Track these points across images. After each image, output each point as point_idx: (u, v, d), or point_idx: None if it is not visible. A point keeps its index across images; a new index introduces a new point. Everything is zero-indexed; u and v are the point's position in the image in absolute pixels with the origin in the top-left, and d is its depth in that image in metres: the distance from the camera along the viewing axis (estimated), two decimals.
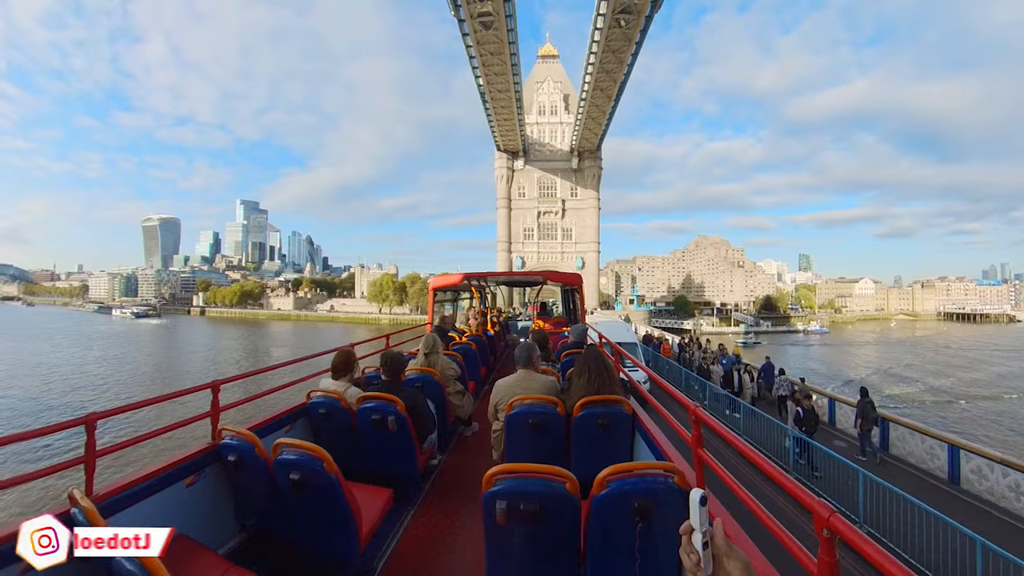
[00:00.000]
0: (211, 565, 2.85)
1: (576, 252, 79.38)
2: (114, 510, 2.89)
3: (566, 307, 17.52)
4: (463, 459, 5.70)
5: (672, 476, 2.44)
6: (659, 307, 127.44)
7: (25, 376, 43.77)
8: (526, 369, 4.53)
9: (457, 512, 4.27)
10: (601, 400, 3.95)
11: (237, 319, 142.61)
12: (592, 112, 63.40)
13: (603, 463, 2.55)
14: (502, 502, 2.39)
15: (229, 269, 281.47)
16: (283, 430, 4.55)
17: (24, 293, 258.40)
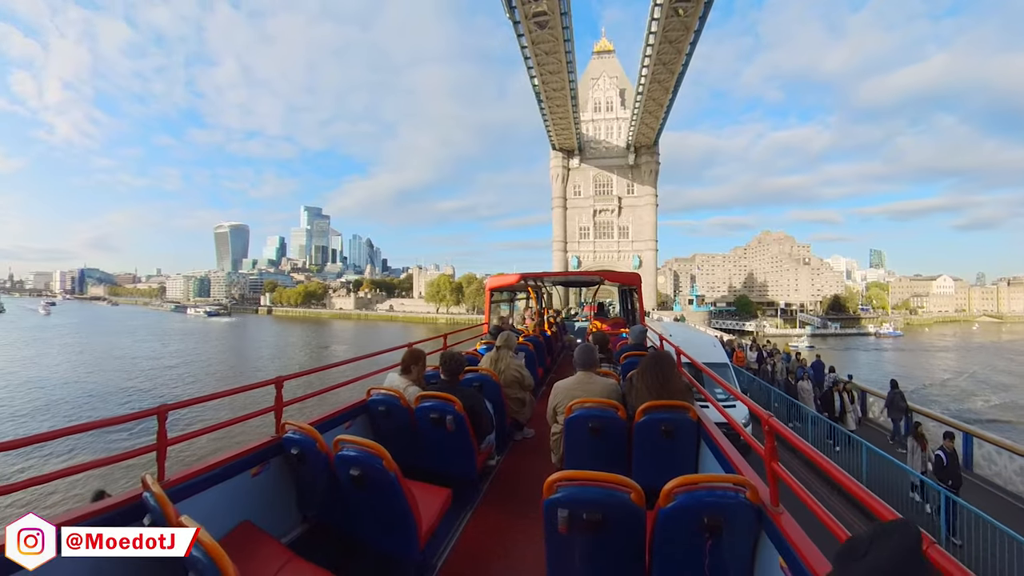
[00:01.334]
0: (274, 554, 3.00)
1: (633, 251, 77.07)
2: (183, 496, 3.01)
3: (623, 307, 16.89)
4: (521, 461, 5.68)
5: (744, 491, 2.31)
6: (719, 307, 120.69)
7: (109, 367, 47.43)
8: (586, 371, 4.46)
9: (516, 515, 4.26)
10: (664, 405, 3.79)
11: (301, 318, 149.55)
12: (649, 106, 61.40)
13: (666, 472, 2.51)
14: (564, 510, 2.33)
15: (294, 271, 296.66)
16: (343, 426, 4.69)
17: (109, 294, 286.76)
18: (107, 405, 31.44)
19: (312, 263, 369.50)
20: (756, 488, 2.35)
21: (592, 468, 2.47)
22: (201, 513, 2.25)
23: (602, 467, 2.50)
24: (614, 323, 13.67)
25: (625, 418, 3.91)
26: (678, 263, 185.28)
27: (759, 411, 2.71)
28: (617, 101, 79.18)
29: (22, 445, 2.74)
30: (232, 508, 3.38)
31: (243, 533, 3.24)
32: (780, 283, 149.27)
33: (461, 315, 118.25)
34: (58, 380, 39.77)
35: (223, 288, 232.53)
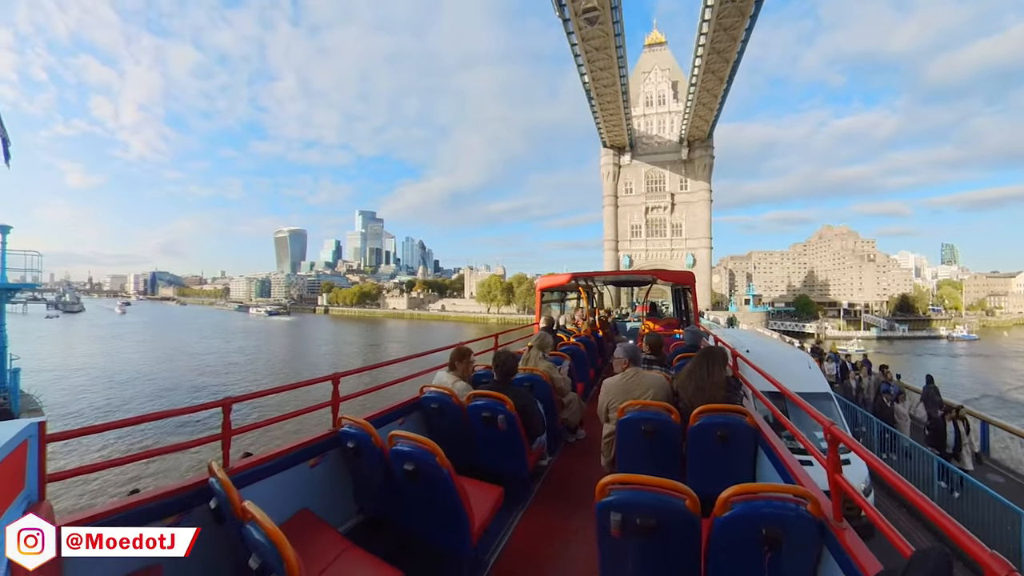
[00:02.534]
0: (331, 542, 3.13)
1: (686, 249, 74.79)
2: (246, 483, 3.18)
3: (677, 307, 16.39)
4: (572, 462, 5.63)
5: (805, 503, 2.23)
6: (777, 308, 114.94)
7: (178, 362, 50.60)
8: (635, 366, 4.50)
9: (569, 516, 4.25)
10: (720, 409, 3.73)
11: (356, 317, 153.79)
12: (703, 97, 59.36)
13: (722, 479, 2.46)
14: (617, 514, 2.32)
15: (349, 272, 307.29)
16: (397, 422, 4.82)
17: (178, 295, 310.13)
18: (176, 397, 33.60)
19: (366, 265, 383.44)
20: (818, 501, 2.26)
21: (645, 472, 2.45)
22: (262, 500, 2.31)
23: (655, 471, 2.47)
24: (667, 324, 13.33)
25: (679, 421, 3.85)
26: (733, 261, 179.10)
27: (820, 417, 2.60)
28: (669, 94, 77.13)
29: (103, 430, 3.18)
30: (292, 497, 3.59)
31: (302, 520, 3.42)
32: (842, 281, 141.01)
33: (512, 315, 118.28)
34: (132, 373, 42.75)
35: (283, 289, 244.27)
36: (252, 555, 2.09)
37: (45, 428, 2.50)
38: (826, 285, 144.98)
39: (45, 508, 2.39)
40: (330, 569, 2.86)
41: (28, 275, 22.66)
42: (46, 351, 55.10)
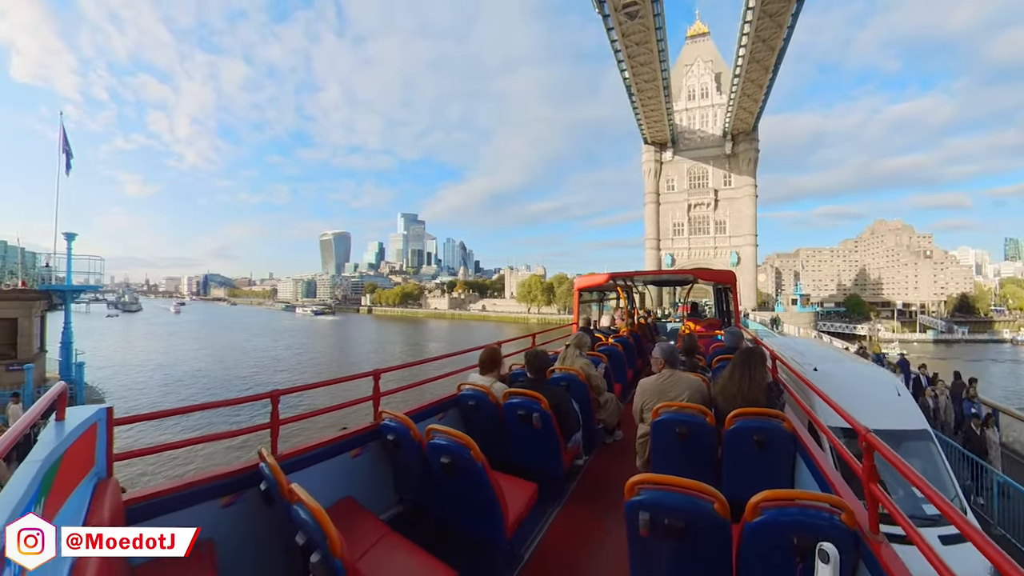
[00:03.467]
0: (373, 528, 3.29)
1: (730, 246, 72.85)
2: (293, 469, 3.37)
3: (719, 308, 15.75)
4: (609, 462, 5.62)
5: (839, 513, 2.15)
6: (826, 308, 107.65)
7: (229, 357, 53.25)
8: (671, 367, 4.47)
9: (603, 516, 4.27)
10: (757, 413, 3.65)
11: (399, 317, 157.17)
12: (747, 88, 57.65)
13: (758, 485, 2.35)
14: (645, 513, 2.31)
15: (391, 273, 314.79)
16: (435, 417, 4.96)
17: (228, 295, 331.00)
18: (227, 389, 35.43)
19: (408, 266, 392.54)
20: (853, 512, 2.16)
21: (679, 474, 2.41)
22: (308, 485, 2.41)
23: (689, 474, 2.42)
24: (709, 324, 13.01)
25: (714, 424, 3.79)
26: (780, 259, 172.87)
27: (856, 424, 2.46)
28: (712, 87, 75.20)
29: (162, 416, 3.48)
30: (336, 484, 3.79)
31: (345, 506, 3.61)
32: (896, 280, 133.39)
33: (552, 315, 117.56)
34: (186, 368, 45.32)
35: (327, 289, 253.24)
36: (299, 532, 2.24)
37: (112, 413, 2.84)
38: (879, 284, 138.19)
39: (112, 483, 2.66)
40: (371, 552, 3.01)
41: (91, 278, 24.66)
42: (107, 347, 58.77)
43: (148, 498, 2.87)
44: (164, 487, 3.02)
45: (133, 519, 2.77)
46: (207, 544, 2.89)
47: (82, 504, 2.36)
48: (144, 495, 2.89)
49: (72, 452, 2.27)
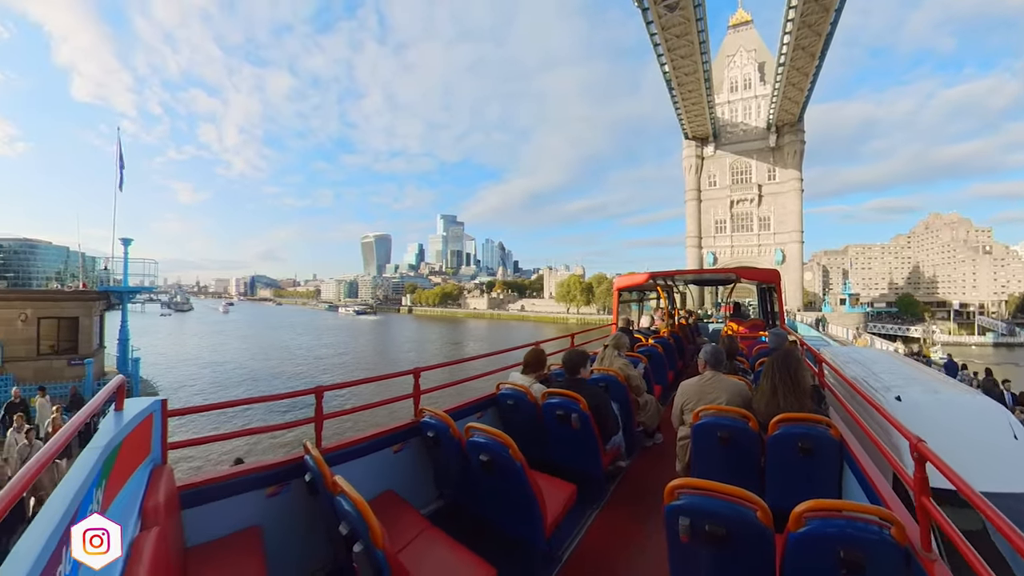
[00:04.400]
0: (414, 522, 3.36)
1: (775, 244, 69.87)
2: (336, 462, 3.54)
3: (762, 308, 15.21)
4: (650, 466, 5.56)
5: (889, 527, 2.04)
6: (877, 309, 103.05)
7: (275, 354, 54.98)
8: (714, 370, 4.37)
9: (643, 520, 4.22)
10: (802, 419, 3.51)
11: (438, 316, 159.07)
12: (792, 77, 55.37)
13: (803, 494, 2.31)
14: (685, 519, 2.27)
15: (431, 274, 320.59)
16: (475, 416, 5.04)
17: (274, 296, 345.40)
18: (273, 385, 36.54)
19: (448, 266, 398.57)
20: (903, 526, 2.05)
21: (721, 479, 2.35)
22: (351, 478, 2.48)
23: (731, 479, 2.36)
24: (752, 325, 12.50)
25: (757, 429, 3.68)
26: (827, 256, 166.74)
27: (908, 433, 2.32)
28: (755, 77, 72.63)
29: (212, 409, 3.62)
30: (378, 478, 3.92)
31: (387, 500, 3.72)
32: (953, 278, 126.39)
33: (591, 315, 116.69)
34: (234, 364, 47.17)
35: (369, 290, 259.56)
36: (342, 523, 2.31)
37: (167, 405, 3.05)
38: (933, 282, 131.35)
39: (167, 470, 2.86)
40: (411, 546, 3.07)
41: (146, 279, 26.22)
42: (161, 344, 62.32)
43: (200, 485, 3.05)
44: (214, 475, 3.19)
45: (186, 503, 2.95)
46: (254, 530, 3.11)
47: (139, 488, 2.52)
48: (196, 482, 3.07)
49: (130, 440, 2.43)
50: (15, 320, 19.64)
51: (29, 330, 19.93)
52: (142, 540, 1.98)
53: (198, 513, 3.01)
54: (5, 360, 19.01)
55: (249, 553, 2.87)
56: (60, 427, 8.24)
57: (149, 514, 2.33)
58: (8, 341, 19.37)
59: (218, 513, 3.09)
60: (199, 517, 2.99)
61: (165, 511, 2.41)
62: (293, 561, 3.34)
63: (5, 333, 19.37)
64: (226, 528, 3.08)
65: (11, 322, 19.55)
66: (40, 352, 20.17)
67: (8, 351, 19.26)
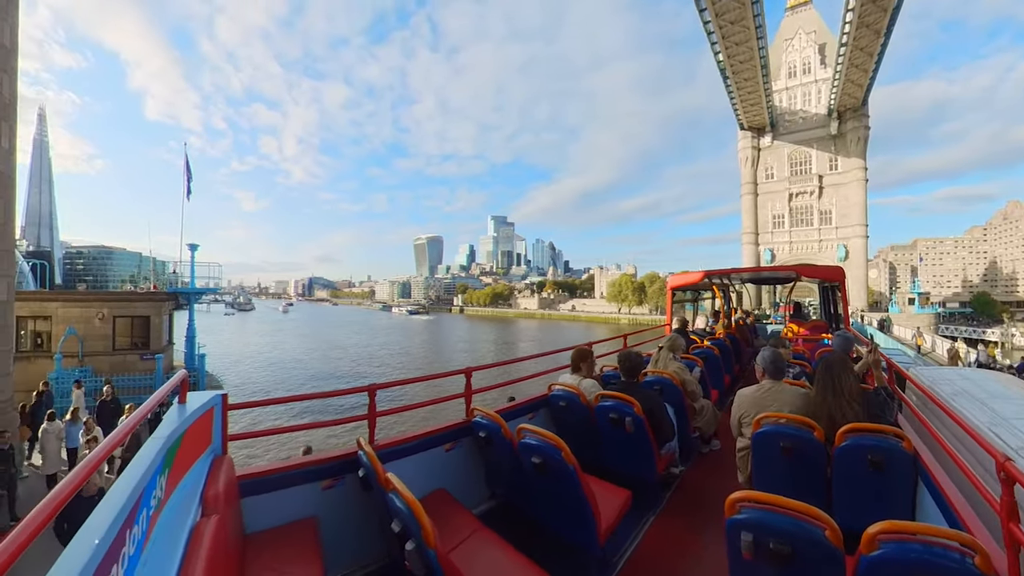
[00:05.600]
0: (465, 521, 3.35)
1: (837, 239, 65.36)
2: (389, 459, 3.61)
3: (825, 308, 14.26)
4: (707, 474, 5.35)
5: (972, 555, 1.83)
6: (949, 309, 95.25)
7: (331, 353, 56.89)
8: (773, 378, 4.04)
9: (701, 530, 4.08)
10: (872, 430, 3.25)
11: (489, 316, 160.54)
12: (855, 58, 51.48)
13: (873, 513, 2.19)
14: (748, 534, 2.16)
15: (482, 275, 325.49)
16: (526, 416, 5.05)
17: (331, 297, 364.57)
18: (328, 382, 37.85)
19: (498, 267, 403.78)
20: (989, 555, 1.83)
21: (784, 493, 2.21)
22: (403, 475, 2.53)
23: (796, 494, 2.22)
24: (814, 327, 11.74)
25: (823, 440, 3.41)
26: (894, 252, 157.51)
27: (993, 451, 2.11)
28: (815, 60, 68.13)
29: (269, 403, 3.83)
30: (429, 476, 3.97)
31: (438, 498, 3.73)
32: None
33: (644, 315, 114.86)
34: (293, 361, 49.26)
35: (421, 291, 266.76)
36: (394, 520, 2.35)
37: (227, 399, 3.19)
38: (1013, 279, 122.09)
39: (227, 460, 2.99)
40: (463, 546, 3.06)
41: (211, 281, 28.13)
42: (225, 341, 66.19)
43: (258, 475, 3.21)
44: (272, 467, 3.34)
45: (245, 492, 3.11)
46: (311, 520, 3.24)
47: (201, 476, 2.64)
48: (255, 472, 3.24)
49: (192, 431, 2.56)
50: (93, 319, 21.31)
51: (106, 328, 21.59)
52: (203, 526, 2.07)
53: (256, 502, 3.15)
54: (85, 354, 20.70)
55: (305, 542, 2.96)
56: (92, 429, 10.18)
57: (210, 502, 2.41)
58: (87, 337, 21.03)
59: (275, 503, 3.23)
60: (257, 506, 3.15)
61: (225, 499, 2.48)
62: (348, 553, 3.41)
63: (85, 330, 21.03)
64: (283, 518, 3.21)
65: (90, 320, 21.23)
66: (115, 347, 21.82)
67: (88, 346, 20.92)
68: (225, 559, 2.18)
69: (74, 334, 20.64)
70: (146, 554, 1.73)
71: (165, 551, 1.88)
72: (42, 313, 20.76)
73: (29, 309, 20.36)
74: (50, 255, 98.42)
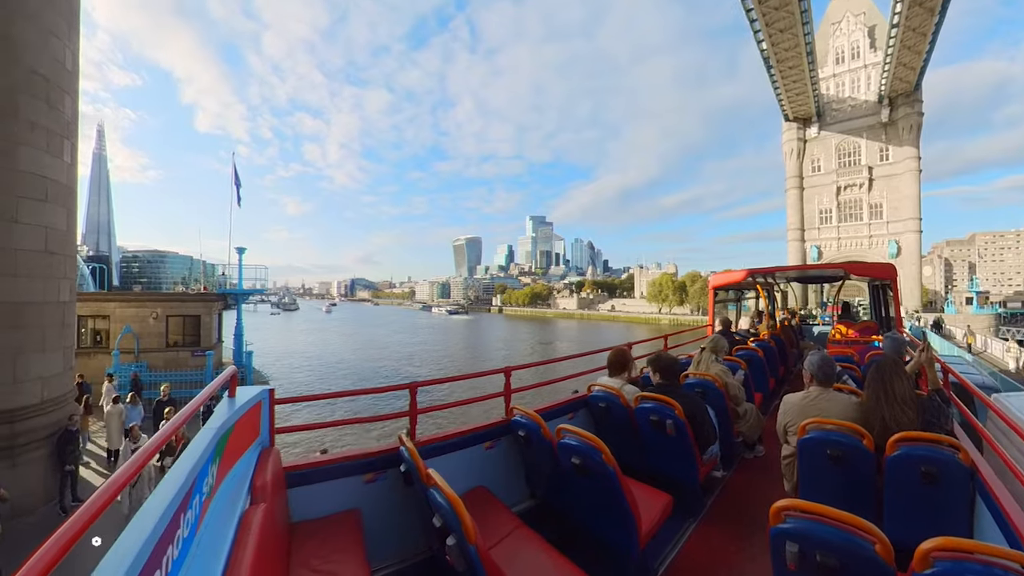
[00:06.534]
0: (505, 519, 3.37)
1: (888, 234, 61.46)
2: (429, 455, 3.66)
3: (875, 308, 13.57)
4: (750, 480, 5.21)
5: None
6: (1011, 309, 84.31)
7: (372, 351, 58.17)
8: (822, 386, 3.79)
9: (745, 538, 3.96)
10: (926, 439, 3.04)
11: (528, 316, 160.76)
12: (908, 39, 48.35)
13: (927, 528, 2.08)
14: (793, 545, 2.08)
15: (521, 275, 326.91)
16: (566, 417, 5.03)
17: (372, 297, 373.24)
18: (370, 379, 38.72)
19: (537, 267, 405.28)
20: None
21: (832, 504, 2.12)
22: (444, 471, 2.57)
23: (843, 504, 2.12)
24: (863, 328, 11.19)
25: (873, 449, 3.22)
26: (950, 247, 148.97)
27: None
28: (865, 44, 63.96)
29: (313, 399, 3.99)
30: (469, 473, 4.01)
31: (478, 495, 3.76)
32: None
33: (685, 316, 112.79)
34: (335, 358, 50.48)
35: (460, 291, 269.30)
36: (435, 515, 2.38)
37: (274, 394, 3.31)
38: None
39: (275, 452, 3.09)
40: (503, 544, 3.07)
41: (257, 283, 29.62)
42: (271, 339, 68.39)
43: (304, 467, 3.33)
44: (317, 459, 3.43)
45: (291, 483, 3.21)
46: (354, 512, 3.32)
47: (249, 466, 2.76)
48: (301, 464, 3.35)
49: (242, 423, 2.66)
50: (148, 318, 22.54)
51: (159, 326, 22.79)
52: (251, 513, 2.15)
53: (302, 492, 3.26)
54: (140, 351, 21.98)
55: (349, 533, 3.04)
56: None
57: (258, 490, 2.50)
58: (143, 335, 22.28)
59: (320, 494, 3.33)
60: (303, 496, 3.25)
61: (272, 488, 2.57)
62: (390, 545, 3.49)
63: (140, 328, 22.27)
64: (328, 508, 3.31)
65: (145, 319, 22.48)
66: (168, 344, 23.05)
67: (143, 343, 22.19)
68: (273, 545, 2.25)
69: (130, 332, 21.86)
70: (199, 537, 1.81)
71: (216, 535, 1.96)
72: (101, 312, 22.05)
73: (89, 309, 21.63)
74: (108, 259, 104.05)
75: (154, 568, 1.32)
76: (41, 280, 10.79)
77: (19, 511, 9.68)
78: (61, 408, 11.36)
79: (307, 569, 2.62)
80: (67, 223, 11.60)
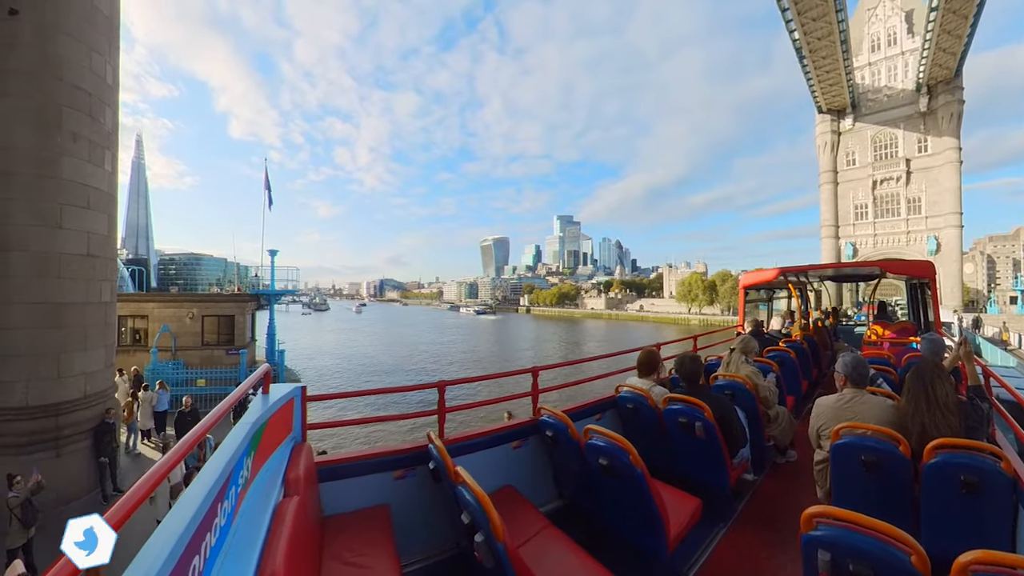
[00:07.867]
0: (532, 519, 3.35)
1: (927, 230, 58.21)
2: (458, 453, 3.72)
3: (912, 308, 13.01)
4: (782, 486, 5.09)
5: None
6: None
7: (401, 350, 59.40)
8: (856, 388, 3.65)
9: (777, 545, 3.87)
10: (965, 446, 2.90)
11: (556, 316, 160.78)
12: (947, 22, 45.75)
13: (965, 540, 2.00)
14: (825, 553, 2.02)
15: (548, 275, 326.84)
16: (593, 417, 5.01)
17: (401, 297, 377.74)
18: (399, 378, 39.36)
19: (564, 267, 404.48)
20: None
21: (866, 511, 2.05)
22: (472, 469, 2.58)
23: (878, 513, 2.04)
24: (901, 329, 10.73)
25: (909, 455, 3.09)
26: (993, 243, 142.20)
27: None
28: (902, 29, 60.84)
29: (343, 396, 4.02)
30: (497, 472, 4.02)
31: (506, 494, 3.74)
32: None
33: (715, 316, 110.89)
34: (365, 357, 51.53)
35: (488, 291, 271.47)
36: (463, 512, 2.41)
37: (306, 391, 3.37)
38: None
39: (307, 447, 3.14)
40: (531, 543, 3.06)
41: (289, 284, 30.44)
42: (303, 339, 70.19)
43: (335, 462, 3.42)
44: (348, 455, 3.53)
45: (323, 478, 3.31)
46: (384, 507, 3.38)
47: (283, 461, 2.80)
48: (332, 460, 3.44)
49: (275, 419, 2.73)
50: (184, 317, 23.34)
51: (195, 325, 23.55)
52: (285, 505, 2.19)
53: (334, 487, 3.35)
54: (177, 349, 22.81)
55: (379, 527, 3.10)
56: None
57: (291, 484, 2.56)
58: (179, 334, 23.09)
59: (351, 489, 3.42)
60: (334, 490, 3.34)
61: (305, 482, 2.63)
62: (419, 540, 3.54)
63: (177, 328, 23.09)
64: (358, 503, 3.39)
65: (181, 319, 23.29)
66: (204, 343, 23.81)
67: (180, 342, 23.02)
68: (306, 536, 2.31)
69: (168, 331, 22.68)
70: (235, 526, 1.90)
71: (251, 525, 2.02)
72: (140, 312, 22.95)
73: (129, 309, 22.56)
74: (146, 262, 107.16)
75: (193, 554, 1.37)
76: (84, 282, 11.26)
77: (63, 499, 10.29)
78: (103, 402, 11.89)
79: (339, 562, 2.67)
80: (108, 228, 12.07)
